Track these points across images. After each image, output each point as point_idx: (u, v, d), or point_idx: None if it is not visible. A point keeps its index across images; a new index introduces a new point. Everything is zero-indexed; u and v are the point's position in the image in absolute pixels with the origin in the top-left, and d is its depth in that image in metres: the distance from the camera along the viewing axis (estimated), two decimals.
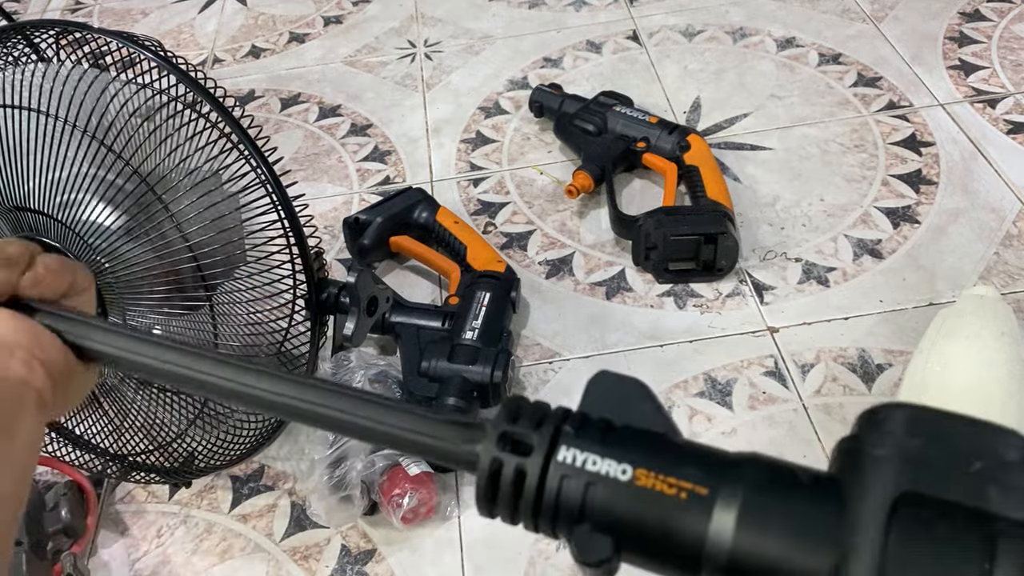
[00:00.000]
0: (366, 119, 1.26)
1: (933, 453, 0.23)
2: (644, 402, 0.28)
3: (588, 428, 0.27)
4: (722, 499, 0.24)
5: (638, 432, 0.27)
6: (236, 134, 0.68)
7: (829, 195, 1.03)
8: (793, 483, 0.25)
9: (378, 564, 0.76)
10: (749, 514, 0.24)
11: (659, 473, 0.26)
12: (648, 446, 0.27)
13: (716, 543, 0.24)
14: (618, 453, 0.26)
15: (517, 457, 0.27)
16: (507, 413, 0.28)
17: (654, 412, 0.28)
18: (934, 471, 0.23)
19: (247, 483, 0.84)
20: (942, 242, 0.96)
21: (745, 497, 0.24)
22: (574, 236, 1.03)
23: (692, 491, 0.25)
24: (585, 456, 0.27)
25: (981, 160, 1.05)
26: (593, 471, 0.26)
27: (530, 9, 1.44)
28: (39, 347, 0.33)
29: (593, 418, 0.28)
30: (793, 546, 0.23)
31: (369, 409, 0.30)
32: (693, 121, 1.16)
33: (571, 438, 0.27)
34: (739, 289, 0.94)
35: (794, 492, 0.25)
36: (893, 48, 1.24)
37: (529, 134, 1.19)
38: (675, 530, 0.25)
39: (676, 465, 0.26)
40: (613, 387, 0.29)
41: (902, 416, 0.25)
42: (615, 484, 0.26)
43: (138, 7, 1.62)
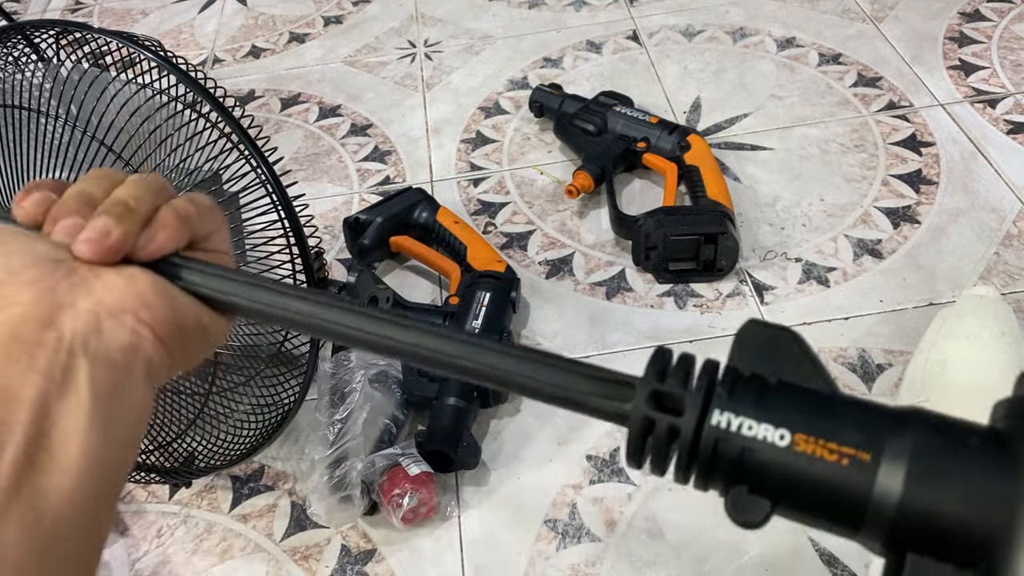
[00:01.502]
0: (366, 119, 1.26)
1: None
2: (797, 355, 0.27)
3: (741, 388, 0.26)
4: (886, 462, 0.24)
5: (793, 390, 0.26)
6: (236, 134, 0.68)
7: (829, 195, 1.03)
8: (961, 441, 0.24)
9: (378, 564, 0.76)
10: (914, 478, 0.23)
11: (819, 437, 0.25)
12: (805, 406, 0.26)
13: (880, 504, 0.24)
14: (774, 416, 0.25)
15: (669, 417, 0.26)
16: (655, 368, 0.27)
17: (808, 365, 0.27)
18: None
19: (247, 483, 0.84)
20: (942, 242, 0.96)
21: (912, 458, 0.24)
22: (574, 236, 1.03)
23: (854, 456, 0.24)
24: (740, 420, 0.26)
25: (981, 160, 1.05)
26: (749, 435, 0.25)
27: (530, 9, 1.44)
28: (147, 309, 0.31)
29: (744, 375, 0.27)
30: (962, 506, 0.23)
31: (514, 362, 0.29)
32: (693, 121, 1.16)
33: (724, 400, 0.26)
34: (739, 289, 0.94)
35: (962, 451, 0.24)
36: (893, 48, 1.24)
37: (529, 134, 1.19)
38: (837, 494, 0.24)
39: (836, 428, 0.25)
40: (764, 339, 0.28)
41: None
42: (773, 449, 0.25)
43: (138, 7, 1.62)
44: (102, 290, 0.31)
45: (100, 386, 0.29)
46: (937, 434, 0.24)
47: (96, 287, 0.31)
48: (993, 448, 0.24)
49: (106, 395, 0.29)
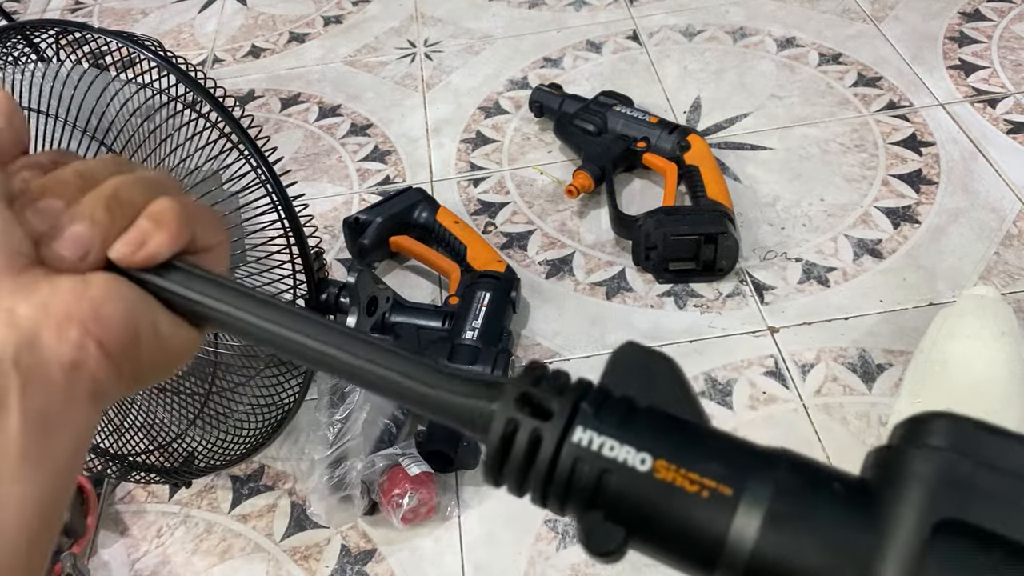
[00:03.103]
0: (366, 119, 1.26)
1: (982, 477, 0.21)
2: (671, 382, 0.26)
3: (608, 407, 0.25)
4: (747, 500, 0.23)
5: (662, 416, 0.25)
6: (236, 134, 0.68)
7: (829, 195, 1.03)
8: (826, 489, 0.23)
9: (378, 564, 0.76)
10: (775, 518, 0.22)
11: (681, 466, 0.24)
12: (671, 434, 0.25)
13: (736, 546, 0.22)
14: (638, 440, 0.24)
15: (535, 420, 0.25)
16: (529, 375, 0.26)
17: (681, 394, 0.26)
18: (982, 498, 0.21)
19: (247, 483, 0.84)
20: (942, 242, 0.96)
21: (773, 499, 0.23)
22: (574, 236, 1.03)
23: (715, 490, 0.23)
24: (602, 440, 0.24)
25: (981, 160, 1.05)
26: (609, 457, 0.24)
27: (530, 9, 1.44)
28: (97, 319, 0.27)
29: (615, 395, 0.26)
30: (818, 559, 0.22)
31: (380, 355, 0.28)
32: (693, 121, 1.16)
33: (589, 418, 0.25)
34: (739, 289, 0.94)
35: (826, 500, 0.23)
36: (893, 48, 1.24)
37: (529, 134, 1.19)
38: (693, 528, 0.23)
39: (700, 458, 0.24)
40: (639, 362, 0.26)
41: (950, 430, 0.22)
42: (632, 474, 0.24)
43: (138, 7, 1.62)
44: (48, 292, 0.27)
45: (34, 410, 0.25)
46: (801, 478, 0.23)
47: (42, 288, 0.27)
48: (857, 498, 0.23)
49: (41, 421, 0.25)
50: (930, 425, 0.22)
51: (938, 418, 0.22)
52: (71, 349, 0.26)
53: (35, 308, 0.26)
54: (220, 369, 0.75)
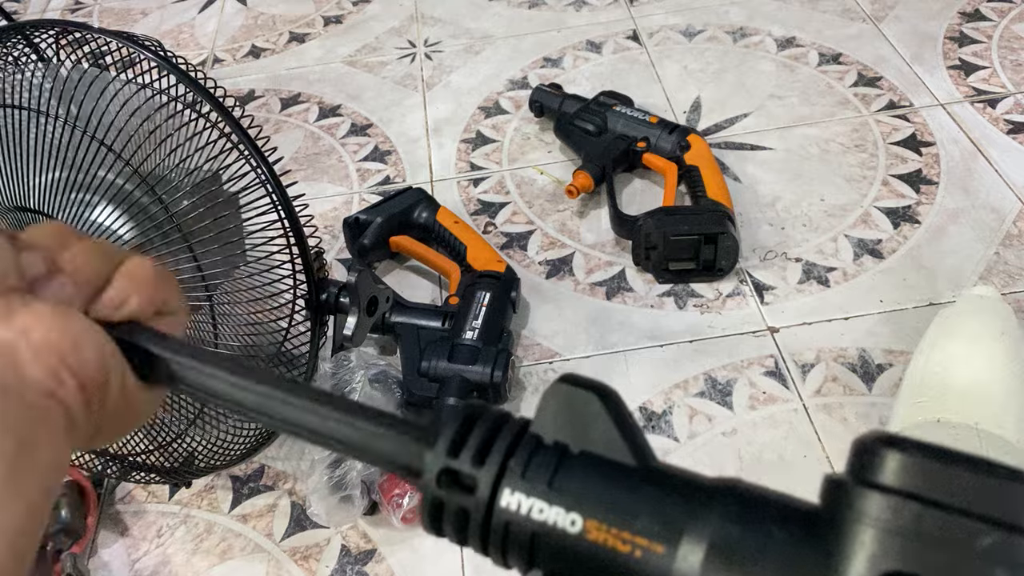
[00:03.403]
0: (366, 119, 1.26)
1: (932, 523, 0.19)
2: (606, 419, 0.25)
3: (537, 462, 0.24)
4: (682, 555, 0.22)
5: (595, 464, 0.24)
6: (236, 134, 0.68)
7: (829, 195, 1.03)
8: (768, 532, 0.22)
9: (378, 564, 0.76)
10: (712, 569, 0.21)
11: (611, 527, 0.23)
12: (603, 487, 0.24)
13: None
14: (567, 498, 0.24)
15: (459, 495, 0.25)
16: (451, 441, 0.25)
17: (618, 432, 0.25)
18: (932, 547, 0.19)
19: (247, 483, 0.84)
20: (942, 242, 0.96)
21: (709, 550, 0.22)
22: (574, 236, 1.03)
23: (647, 548, 0.22)
24: (531, 503, 0.24)
25: (981, 160, 1.05)
26: (539, 521, 0.24)
27: (530, 9, 1.44)
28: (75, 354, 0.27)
29: (547, 444, 0.25)
30: None
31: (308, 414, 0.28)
32: (693, 121, 1.16)
33: (516, 479, 0.24)
34: (739, 289, 0.94)
35: (768, 544, 0.22)
36: (893, 48, 1.24)
37: (529, 134, 1.19)
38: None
39: (632, 514, 0.23)
40: (571, 401, 0.25)
41: (898, 466, 0.21)
42: (563, 536, 0.23)
43: (138, 7, 1.62)
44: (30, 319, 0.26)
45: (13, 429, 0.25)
46: (740, 522, 0.22)
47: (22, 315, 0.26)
48: (798, 546, 0.21)
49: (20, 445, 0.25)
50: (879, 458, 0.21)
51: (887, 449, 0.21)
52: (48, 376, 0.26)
53: (16, 331, 0.26)
54: None
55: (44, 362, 0.26)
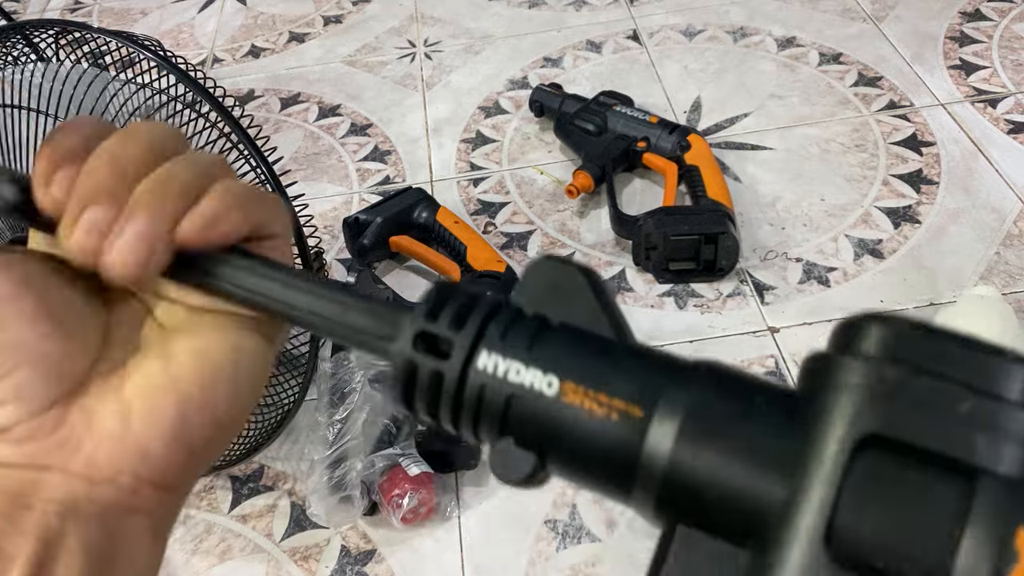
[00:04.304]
0: (366, 119, 1.26)
1: (914, 386, 0.19)
2: (590, 296, 0.24)
3: (517, 328, 0.24)
4: (658, 420, 0.21)
5: (575, 335, 0.24)
6: (236, 134, 0.67)
7: (830, 195, 1.03)
8: (744, 403, 0.21)
9: (378, 565, 0.76)
10: (687, 437, 0.21)
11: (589, 388, 0.22)
12: (583, 353, 0.23)
13: (649, 467, 0.21)
14: (546, 362, 0.23)
15: (433, 360, 0.24)
16: (429, 306, 0.25)
17: (600, 309, 0.24)
18: (912, 409, 0.19)
19: (247, 483, 0.84)
20: (943, 242, 0.96)
21: (685, 418, 0.21)
22: (574, 236, 1.03)
23: (625, 411, 0.22)
24: (508, 364, 0.23)
25: (982, 160, 1.05)
26: (515, 382, 0.23)
27: (530, 8, 1.44)
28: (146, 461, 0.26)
29: (527, 314, 0.24)
30: (734, 475, 0.20)
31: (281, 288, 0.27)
32: (693, 121, 1.16)
33: (495, 341, 0.24)
34: (740, 289, 0.94)
35: (746, 413, 0.21)
36: (894, 48, 1.24)
37: (529, 134, 1.18)
38: (604, 452, 0.22)
39: (611, 378, 0.22)
40: (555, 276, 0.25)
41: (882, 334, 0.20)
42: (539, 398, 0.23)
43: (137, 7, 1.61)
44: (91, 446, 0.25)
45: (95, 548, 0.25)
46: (720, 392, 0.22)
47: (85, 443, 0.25)
48: (778, 412, 0.21)
49: (100, 556, 0.25)
50: (863, 330, 0.20)
51: (871, 321, 0.20)
52: (124, 496, 0.26)
53: (83, 465, 0.25)
54: None
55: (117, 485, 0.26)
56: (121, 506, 0.25)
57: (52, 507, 0.24)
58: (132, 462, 0.26)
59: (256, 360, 0.28)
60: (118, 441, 0.26)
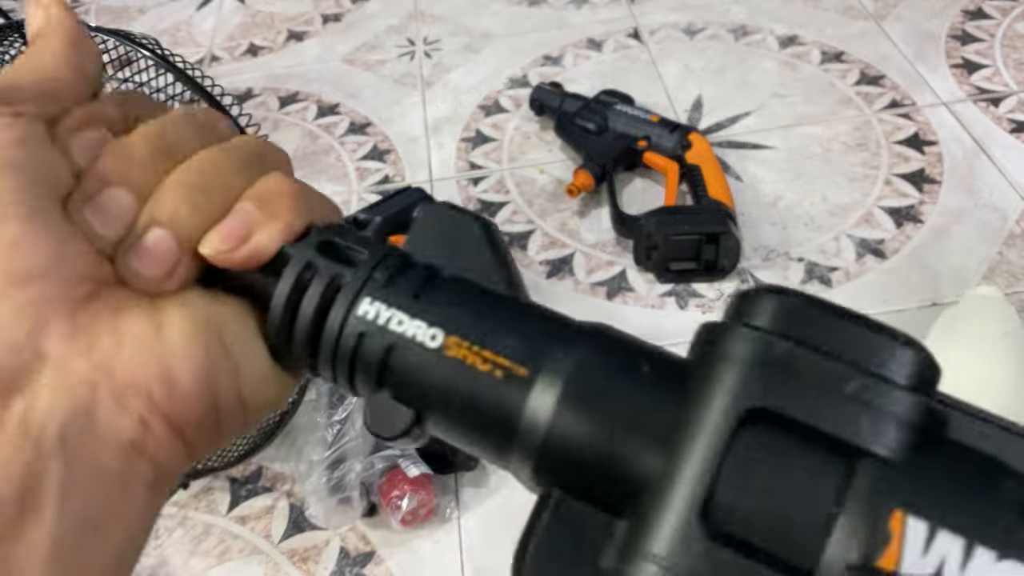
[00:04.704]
0: (365, 118, 1.25)
1: (803, 362, 0.18)
2: (485, 248, 0.23)
3: (404, 277, 0.23)
4: (543, 380, 0.21)
5: (467, 286, 0.23)
6: None
7: (831, 194, 1.03)
8: (632, 368, 0.21)
9: (377, 566, 0.76)
10: (570, 399, 0.20)
11: (474, 344, 0.21)
12: (473, 307, 0.22)
13: (529, 428, 0.20)
14: (431, 314, 0.22)
15: (318, 297, 0.23)
16: (321, 238, 0.23)
17: (495, 262, 0.23)
18: (799, 385, 0.18)
19: (245, 485, 0.83)
20: (945, 242, 0.95)
21: (569, 380, 0.20)
22: (575, 236, 1.02)
23: (509, 369, 0.21)
24: (391, 313, 0.22)
25: (984, 159, 1.04)
26: (397, 332, 0.22)
27: (530, 7, 1.43)
28: (170, 390, 0.21)
29: (417, 264, 0.23)
30: (615, 441, 0.20)
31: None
32: (695, 120, 1.16)
33: (379, 288, 0.23)
34: (741, 289, 0.93)
35: (631, 380, 0.20)
36: (896, 46, 1.23)
37: (529, 133, 1.18)
38: (485, 410, 0.21)
39: (498, 335, 0.22)
40: (451, 225, 0.24)
41: (775, 308, 0.19)
42: (421, 351, 0.22)
43: (135, 4, 1.61)
44: (111, 344, 0.20)
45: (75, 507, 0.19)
46: (608, 356, 0.21)
47: (104, 336, 0.20)
48: (666, 380, 0.20)
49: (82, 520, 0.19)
50: (758, 302, 0.20)
51: (766, 294, 0.20)
52: (132, 427, 0.20)
53: (94, 366, 0.20)
54: None
55: (127, 407, 0.20)
56: (123, 442, 0.20)
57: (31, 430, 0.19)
58: (153, 380, 0.20)
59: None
60: (144, 347, 0.20)
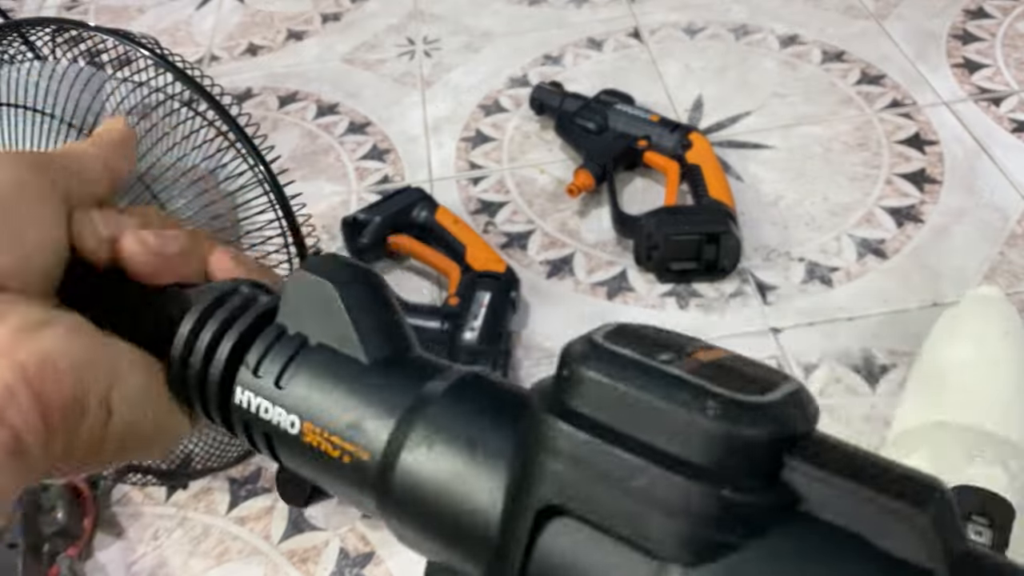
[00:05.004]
0: (364, 117, 1.25)
1: (595, 453, 0.17)
2: (340, 311, 0.23)
3: (271, 357, 0.24)
4: (381, 464, 0.22)
5: (326, 361, 0.23)
6: (233, 132, 0.67)
7: (832, 194, 1.02)
8: (462, 452, 0.21)
9: (377, 567, 0.75)
10: (400, 488, 0.21)
11: (324, 429, 0.22)
12: (328, 384, 0.23)
13: (379, 506, 0.22)
14: (291, 398, 0.23)
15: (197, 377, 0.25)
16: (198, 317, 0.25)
17: (350, 325, 0.23)
18: (591, 480, 0.17)
19: (244, 485, 0.83)
20: (946, 242, 0.95)
21: (403, 467, 0.21)
22: (575, 236, 1.02)
23: (354, 454, 0.22)
24: (259, 402, 0.24)
25: (985, 159, 1.04)
26: (265, 420, 0.23)
27: (530, 6, 1.43)
28: (40, 374, 0.22)
29: (288, 334, 0.24)
30: (440, 535, 0.21)
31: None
32: (695, 119, 1.15)
33: (248, 377, 0.24)
34: (742, 289, 0.93)
35: (456, 467, 0.20)
36: (896, 46, 1.23)
37: (529, 132, 1.18)
38: (345, 491, 0.23)
39: (346, 418, 0.22)
40: (311, 289, 0.24)
41: (589, 389, 0.18)
42: (286, 438, 0.23)
43: (134, 4, 1.61)
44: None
45: None
46: (445, 431, 0.21)
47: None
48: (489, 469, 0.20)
49: None
50: (577, 374, 0.18)
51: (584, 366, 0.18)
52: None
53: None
54: None
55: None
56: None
57: None
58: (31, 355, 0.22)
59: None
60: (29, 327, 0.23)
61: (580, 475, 0.17)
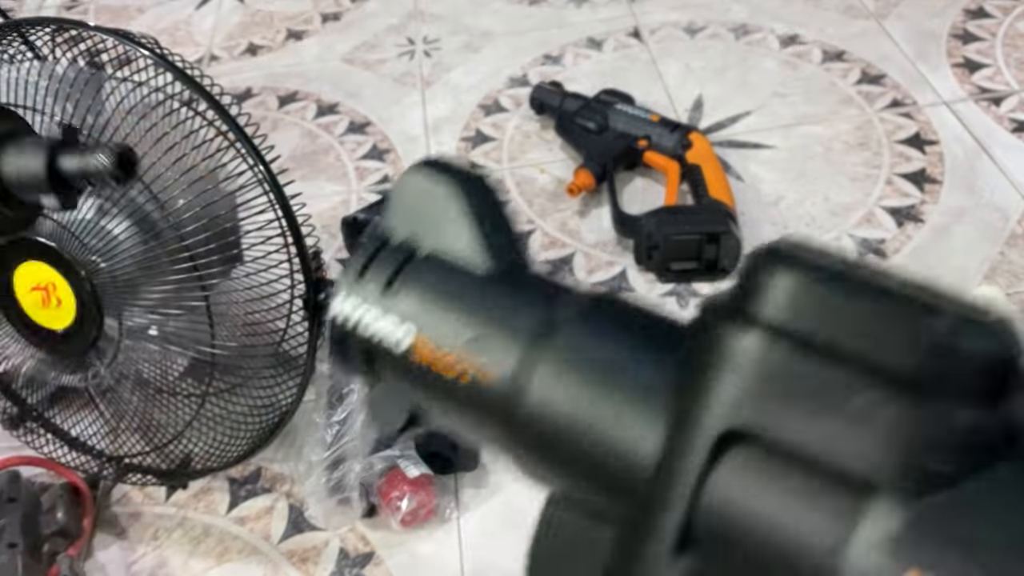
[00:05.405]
0: (364, 117, 1.25)
1: (802, 372, 0.15)
2: (461, 215, 0.21)
3: (377, 264, 0.21)
4: (516, 382, 0.18)
5: (442, 269, 0.21)
6: (233, 132, 0.67)
7: (833, 194, 1.02)
8: (614, 374, 0.18)
9: (376, 567, 0.75)
10: (538, 411, 0.18)
11: (442, 345, 0.19)
12: (445, 295, 0.20)
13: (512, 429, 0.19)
14: (402, 306, 0.20)
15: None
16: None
17: (474, 230, 0.20)
18: (794, 401, 0.15)
19: (244, 485, 0.83)
20: (947, 242, 0.95)
21: (539, 384, 0.18)
22: (575, 235, 1.02)
23: (475, 376, 0.19)
24: (364, 310, 0.21)
25: (986, 159, 1.04)
26: (366, 336, 0.20)
27: (530, 6, 1.43)
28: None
29: (393, 244, 0.21)
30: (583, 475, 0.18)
31: None
32: (695, 119, 1.15)
33: (351, 283, 0.21)
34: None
35: (609, 391, 0.18)
36: (897, 46, 1.23)
37: (529, 132, 1.18)
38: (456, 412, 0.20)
39: (468, 333, 0.19)
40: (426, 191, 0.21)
41: (784, 294, 0.15)
42: (390, 356, 0.20)
43: (134, 4, 1.61)
44: None
45: None
46: (592, 343, 0.18)
47: None
48: (649, 395, 0.17)
49: None
50: (764, 282, 0.16)
51: (779, 270, 0.16)
52: None
53: None
54: (217, 370, 0.75)
55: None
56: None
57: None
58: None
59: None
60: None
61: (775, 394, 0.15)
